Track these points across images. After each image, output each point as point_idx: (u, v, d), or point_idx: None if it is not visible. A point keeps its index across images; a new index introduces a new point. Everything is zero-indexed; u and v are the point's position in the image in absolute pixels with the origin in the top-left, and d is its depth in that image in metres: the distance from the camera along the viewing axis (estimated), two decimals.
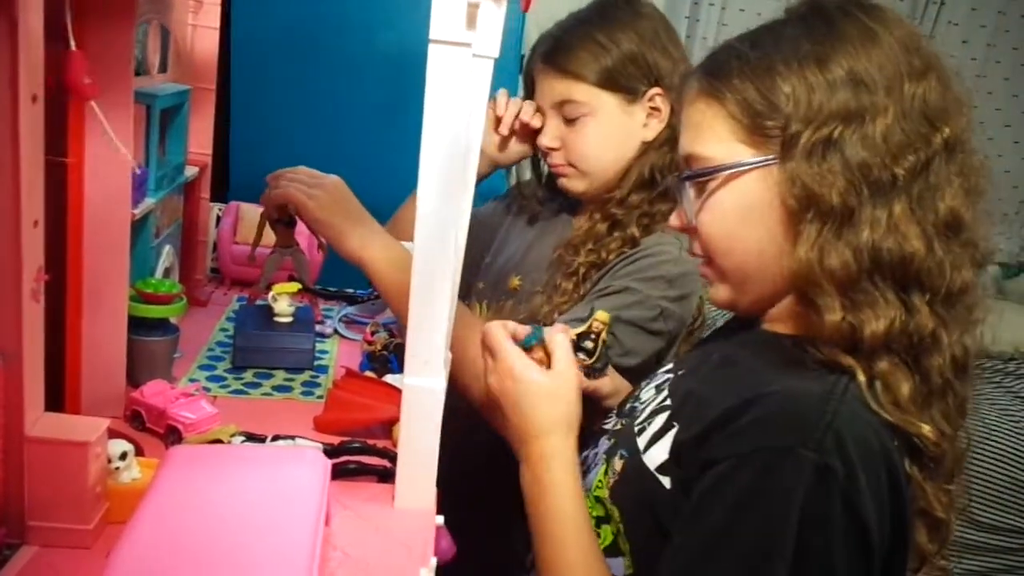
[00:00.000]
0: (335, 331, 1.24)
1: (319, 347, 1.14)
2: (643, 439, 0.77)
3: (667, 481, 0.72)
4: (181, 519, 0.56)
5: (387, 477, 0.79)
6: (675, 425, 0.75)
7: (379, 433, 0.91)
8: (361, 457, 0.82)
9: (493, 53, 0.71)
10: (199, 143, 1.24)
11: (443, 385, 0.71)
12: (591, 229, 1.18)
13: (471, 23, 0.60)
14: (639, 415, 0.82)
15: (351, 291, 1.38)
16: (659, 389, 0.83)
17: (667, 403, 0.79)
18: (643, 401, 0.84)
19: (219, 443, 0.81)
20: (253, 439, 0.83)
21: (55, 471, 0.62)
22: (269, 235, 1.14)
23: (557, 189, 1.26)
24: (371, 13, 1.99)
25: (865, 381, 0.66)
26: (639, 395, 0.87)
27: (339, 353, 1.17)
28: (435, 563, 0.68)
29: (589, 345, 0.84)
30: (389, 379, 0.98)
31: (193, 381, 0.99)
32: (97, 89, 0.69)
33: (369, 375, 1.02)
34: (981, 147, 0.72)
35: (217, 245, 1.40)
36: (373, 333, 1.14)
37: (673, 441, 0.73)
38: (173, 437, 0.83)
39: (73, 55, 0.64)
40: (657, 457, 0.74)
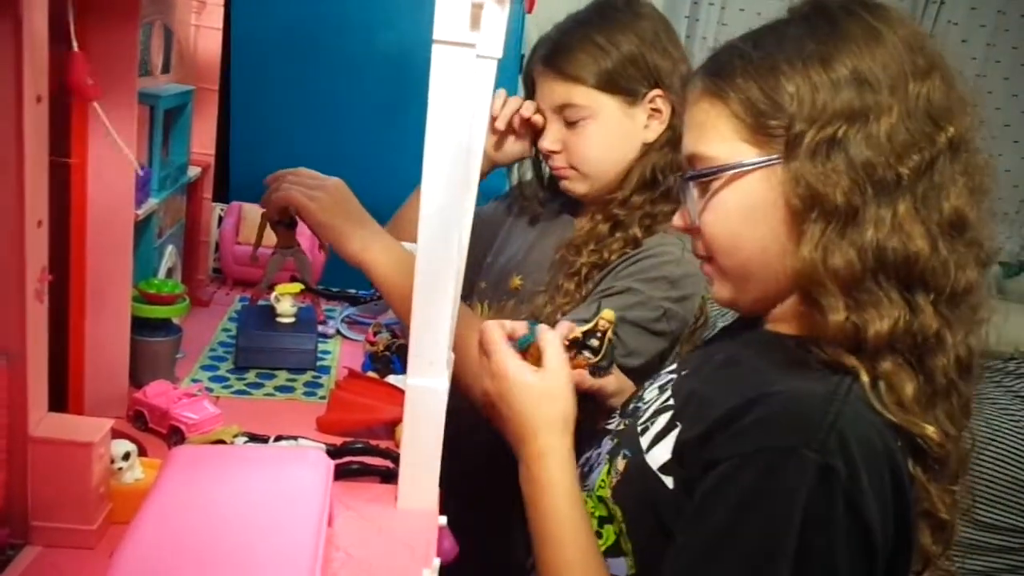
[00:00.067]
0: (337, 332, 1.24)
1: (321, 348, 1.13)
2: (646, 439, 0.77)
3: (670, 481, 0.72)
4: (184, 519, 0.56)
5: (390, 478, 0.79)
6: (678, 425, 0.75)
7: (382, 434, 0.91)
8: (364, 458, 0.82)
9: (496, 54, 0.71)
10: (202, 143, 1.24)
11: (446, 385, 0.71)
12: (593, 230, 1.17)
13: (475, 23, 0.60)
14: (642, 415, 0.82)
15: (353, 291, 1.38)
16: (662, 389, 0.83)
17: (670, 403, 0.79)
18: (646, 401, 0.84)
19: (222, 444, 0.81)
20: (256, 440, 0.83)
21: (59, 471, 0.62)
22: (270, 235, 1.14)
23: (558, 189, 1.26)
24: (371, 13, 1.99)
25: (869, 381, 0.66)
26: (642, 395, 0.87)
27: (341, 354, 1.17)
28: (438, 564, 0.68)
29: (595, 343, 0.84)
30: (391, 380, 0.98)
31: (196, 381, 0.99)
32: (99, 90, 0.69)
33: (371, 376, 1.01)
34: (982, 146, 0.72)
35: (219, 245, 1.40)
36: (375, 334, 1.13)
37: (676, 441, 0.73)
38: (176, 437, 0.83)
39: (75, 56, 0.64)
40: (660, 457, 0.74)
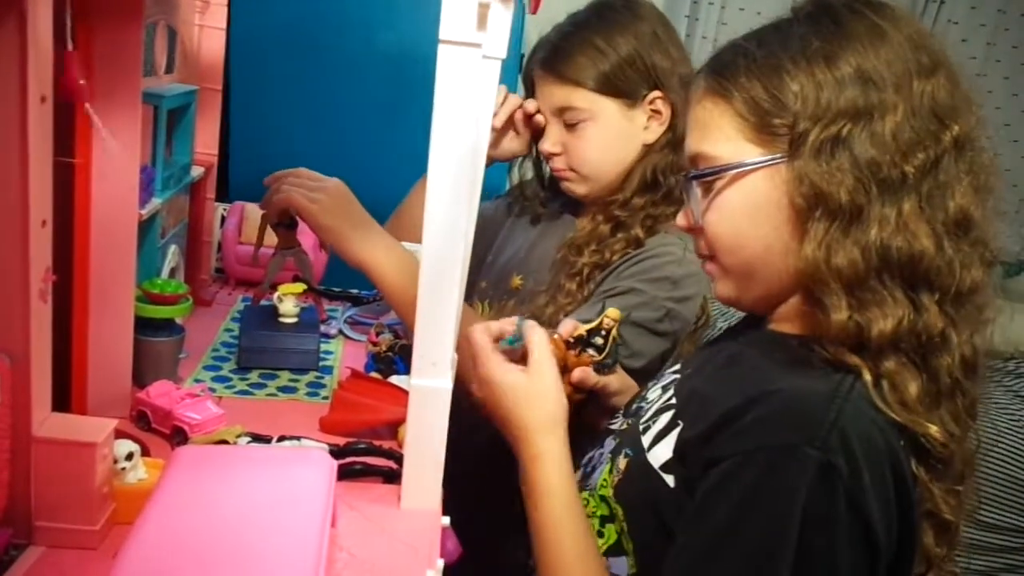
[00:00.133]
0: (340, 332, 1.24)
1: (324, 348, 1.13)
2: (647, 438, 0.77)
3: (671, 480, 0.72)
4: (187, 520, 0.56)
5: (393, 478, 0.79)
6: (679, 423, 0.75)
7: (384, 434, 0.91)
8: (367, 458, 0.82)
9: (501, 54, 0.71)
10: (205, 143, 1.24)
11: (450, 386, 0.70)
12: (594, 230, 1.17)
13: (482, 24, 0.60)
14: (644, 414, 0.82)
15: (355, 292, 1.38)
16: (665, 389, 0.83)
17: (672, 402, 0.79)
18: (649, 401, 0.84)
19: (225, 444, 0.81)
20: (259, 440, 0.83)
21: (62, 472, 0.62)
22: (271, 236, 1.13)
23: (559, 189, 1.26)
24: (371, 13, 1.99)
25: (871, 380, 0.66)
26: (645, 395, 0.87)
27: (344, 354, 1.17)
28: (442, 565, 0.68)
29: (599, 341, 0.84)
30: (394, 380, 0.98)
31: (198, 382, 0.99)
32: (91, 91, 0.68)
33: (374, 376, 1.01)
34: (984, 145, 0.72)
35: (221, 245, 1.40)
36: (378, 334, 1.13)
37: (677, 439, 0.73)
38: (179, 438, 0.83)
39: (68, 56, 0.64)
40: (661, 455, 0.74)
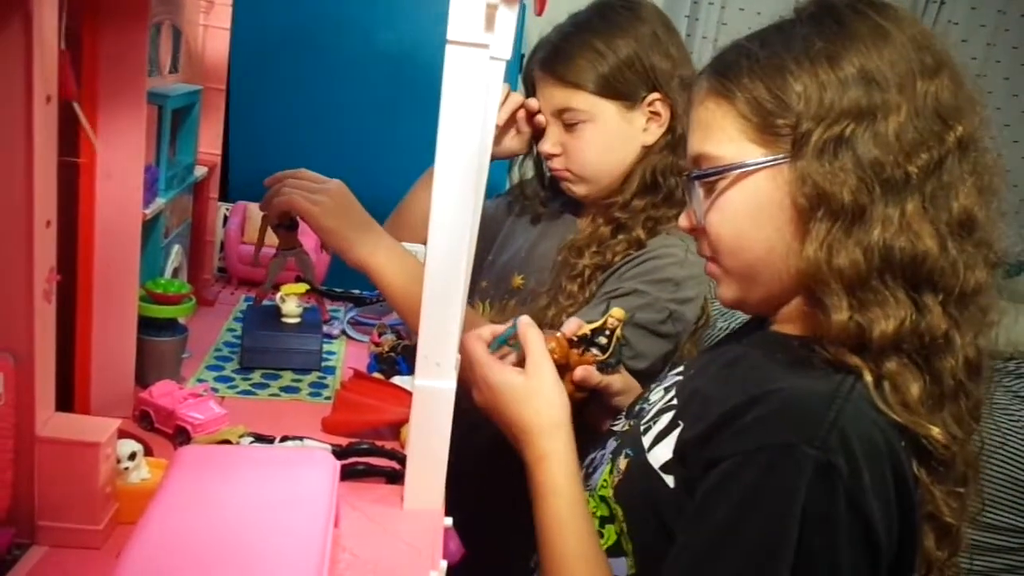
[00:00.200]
0: (343, 332, 1.24)
1: (326, 348, 1.13)
2: (648, 438, 0.77)
3: (670, 480, 0.72)
4: (191, 520, 0.55)
5: (395, 478, 0.79)
6: (680, 424, 0.75)
7: (387, 434, 0.91)
8: (369, 458, 0.81)
9: (506, 55, 0.71)
10: (208, 143, 1.24)
11: (453, 387, 0.70)
12: (594, 232, 1.18)
13: (489, 25, 0.60)
14: (646, 415, 0.82)
15: (358, 292, 1.38)
16: (667, 390, 0.83)
17: (673, 403, 0.79)
18: (651, 402, 0.84)
19: (228, 444, 0.81)
20: (261, 440, 0.83)
21: (65, 471, 0.62)
22: (272, 236, 1.13)
23: (560, 189, 1.27)
24: (371, 13, 1.99)
25: (872, 381, 0.66)
26: (648, 397, 0.87)
27: (346, 354, 1.17)
28: (445, 566, 0.68)
29: (603, 341, 0.84)
30: (397, 381, 0.98)
31: (201, 381, 0.99)
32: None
33: (377, 377, 1.01)
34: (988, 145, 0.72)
35: (224, 245, 1.40)
36: (380, 335, 1.13)
37: (677, 440, 0.73)
38: (181, 438, 0.83)
39: (61, 55, 0.62)
40: (661, 456, 0.74)
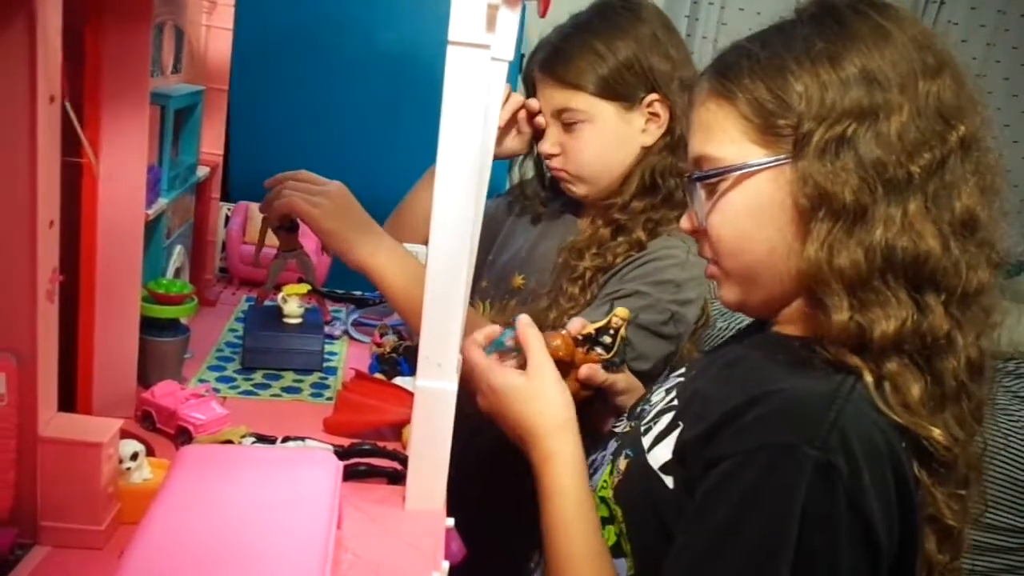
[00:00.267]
0: (344, 333, 1.24)
1: (328, 349, 1.13)
2: (648, 438, 0.77)
3: (670, 481, 0.72)
4: (193, 520, 0.56)
5: (397, 479, 0.79)
6: (680, 424, 0.75)
7: (389, 435, 0.91)
8: (371, 459, 0.81)
9: (508, 56, 0.71)
10: (210, 143, 1.25)
11: (455, 387, 0.70)
12: (594, 234, 1.18)
13: (491, 25, 0.59)
14: (646, 416, 0.82)
15: (359, 293, 1.38)
16: (668, 392, 0.83)
17: (674, 403, 0.79)
18: (653, 404, 0.84)
19: (230, 444, 0.81)
20: (263, 440, 0.83)
21: (68, 471, 0.62)
22: (272, 238, 1.13)
23: (560, 189, 1.27)
24: (373, 14, 1.99)
25: (873, 382, 0.65)
26: (649, 398, 0.87)
27: (348, 355, 1.17)
28: (447, 567, 0.68)
29: (607, 340, 0.85)
30: (399, 381, 0.98)
31: (203, 382, 0.99)
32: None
33: (378, 377, 1.01)
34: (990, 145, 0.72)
35: (226, 245, 1.40)
36: (382, 335, 1.14)
37: (677, 440, 0.73)
38: (183, 438, 0.83)
39: None
40: (661, 456, 0.74)
